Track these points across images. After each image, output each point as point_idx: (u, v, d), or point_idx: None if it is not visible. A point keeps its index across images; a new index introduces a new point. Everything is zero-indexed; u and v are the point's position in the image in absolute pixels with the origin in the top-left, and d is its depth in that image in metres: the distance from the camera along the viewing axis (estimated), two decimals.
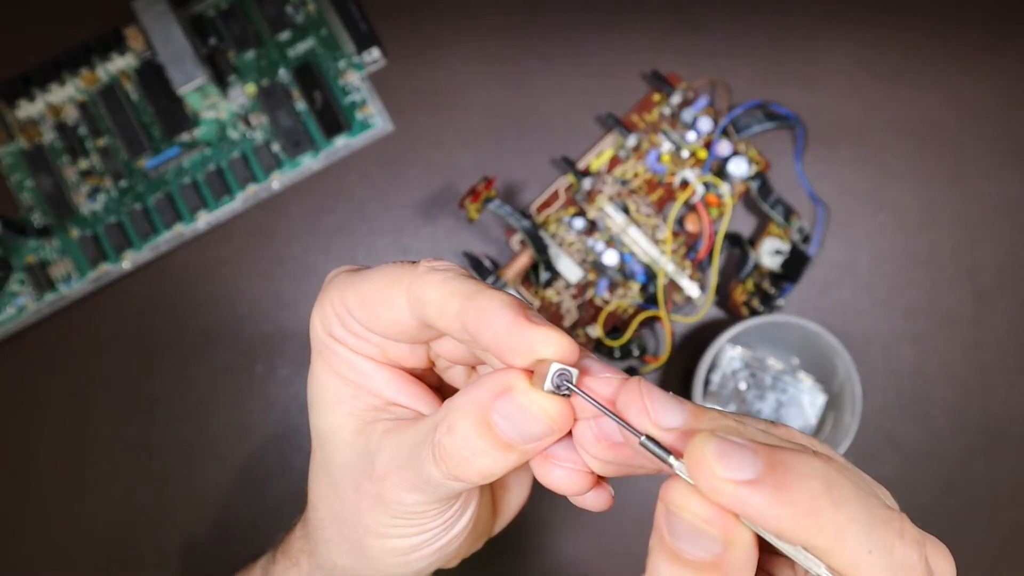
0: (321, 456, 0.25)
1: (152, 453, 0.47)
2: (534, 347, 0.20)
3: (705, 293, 0.46)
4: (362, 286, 0.23)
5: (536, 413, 0.21)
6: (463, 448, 0.21)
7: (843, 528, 0.17)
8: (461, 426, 0.21)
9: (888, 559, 0.17)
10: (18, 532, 0.46)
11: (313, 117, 0.47)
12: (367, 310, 0.23)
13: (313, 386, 0.25)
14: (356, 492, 0.24)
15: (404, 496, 0.23)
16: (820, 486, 0.17)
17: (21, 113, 0.48)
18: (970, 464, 0.46)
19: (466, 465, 0.21)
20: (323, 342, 0.24)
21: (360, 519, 0.24)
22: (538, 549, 0.46)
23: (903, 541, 0.18)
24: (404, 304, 0.22)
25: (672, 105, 0.47)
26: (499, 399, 0.21)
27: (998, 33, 0.48)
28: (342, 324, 0.24)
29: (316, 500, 0.26)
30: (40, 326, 0.47)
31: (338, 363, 0.24)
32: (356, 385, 0.24)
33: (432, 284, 0.21)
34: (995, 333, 0.47)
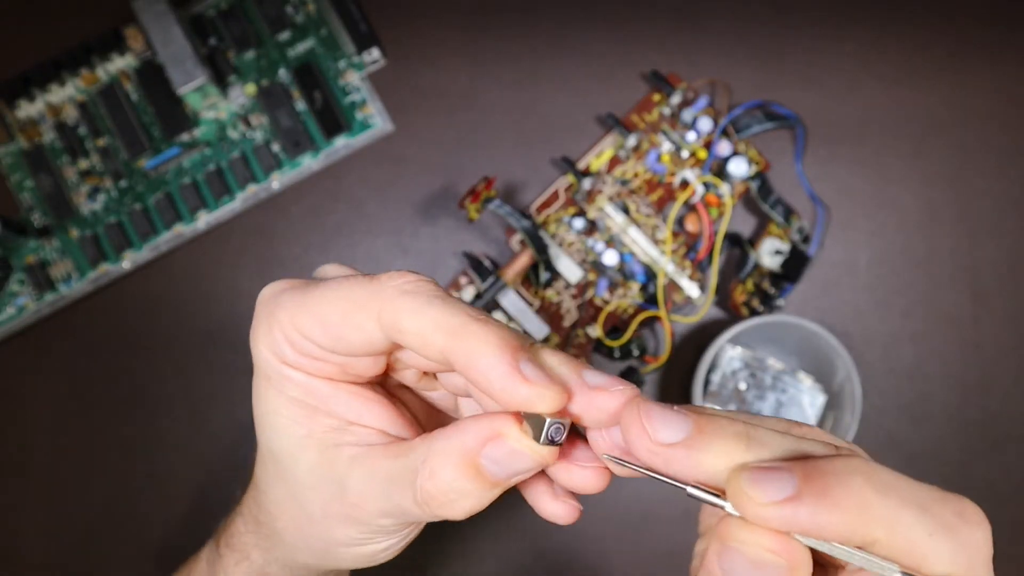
0: (277, 470, 0.25)
1: (152, 453, 0.47)
2: (529, 404, 0.19)
3: (705, 293, 0.46)
4: (321, 309, 0.22)
5: (529, 457, 0.21)
6: (448, 492, 0.21)
7: (896, 513, 0.17)
8: (445, 471, 0.21)
9: (953, 541, 0.17)
10: (18, 532, 0.46)
11: (313, 117, 0.47)
12: (331, 334, 0.22)
13: (262, 408, 0.24)
14: (324, 512, 0.24)
15: (379, 521, 0.23)
16: (860, 480, 0.17)
17: (21, 113, 0.48)
18: (970, 464, 0.46)
19: (452, 507, 0.21)
20: (273, 369, 0.23)
21: (330, 534, 0.24)
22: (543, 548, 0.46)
23: (965, 521, 0.17)
24: (375, 328, 0.21)
25: (672, 105, 0.47)
26: (489, 445, 0.20)
27: (998, 33, 0.48)
28: (296, 349, 0.23)
29: (275, 509, 0.26)
30: (40, 326, 0.47)
31: (292, 389, 0.23)
32: (314, 408, 0.23)
33: (409, 312, 0.20)
34: (995, 333, 0.47)
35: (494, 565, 0.46)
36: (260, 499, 0.27)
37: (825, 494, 0.17)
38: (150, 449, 0.47)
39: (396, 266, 0.47)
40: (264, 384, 0.24)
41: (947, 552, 0.17)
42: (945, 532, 0.17)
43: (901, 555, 0.17)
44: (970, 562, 0.17)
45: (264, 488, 0.26)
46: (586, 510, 0.46)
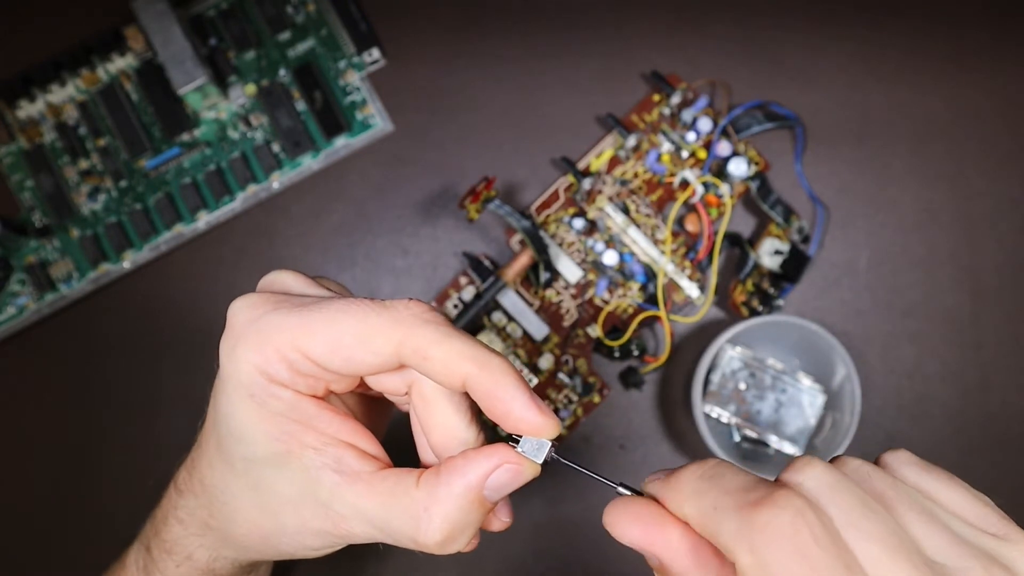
0: (249, 482, 0.25)
1: (152, 453, 0.47)
2: (541, 430, 0.23)
3: (705, 293, 0.46)
4: (332, 333, 0.23)
5: (527, 476, 0.23)
6: (454, 532, 0.23)
7: (686, 500, 0.20)
8: (455, 514, 0.23)
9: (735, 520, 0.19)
10: (17, 532, 0.46)
11: (313, 117, 0.47)
12: (342, 356, 0.23)
13: (237, 421, 0.24)
14: (301, 526, 0.25)
15: (363, 534, 0.24)
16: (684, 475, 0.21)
17: (21, 113, 0.48)
18: (970, 464, 0.46)
19: (452, 544, 0.24)
20: (259, 386, 0.23)
21: (302, 543, 0.25)
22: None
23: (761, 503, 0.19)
24: (392, 353, 0.22)
25: (672, 105, 0.47)
26: (495, 474, 0.23)
27: (998, 33, 0.48)
28: (291, 369, 0.23)
29: (241, 521, 0.26)
30: (40, 326, 0.47)
31: (276, 407, 0.24)
32: (296, 424, 0.24)
33: (434, 342, 0.22)
34: (995, 333, 0.47)
35: (494, 565, 0.46)
36: (216, 507, 0.27)
37: (667, 478, 0.21)
38: (150, 449, 0.47)
39: (396, 266, 0.47)
40: (242, 397, 0.24)
41: (731, 528, 0.18)
42: (734, 509, 0.18)
43: (702, 531, 0.20)
44: (754, 539, 0.18)
45: (226, 499, 0.26)
46: (586, 511, 0.46)
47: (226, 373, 0.24)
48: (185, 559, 0.29)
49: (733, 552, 0.18)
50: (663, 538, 0.20)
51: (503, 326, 0.46)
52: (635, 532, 0.21)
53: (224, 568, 0.29)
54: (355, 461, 0.24)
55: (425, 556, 0.43)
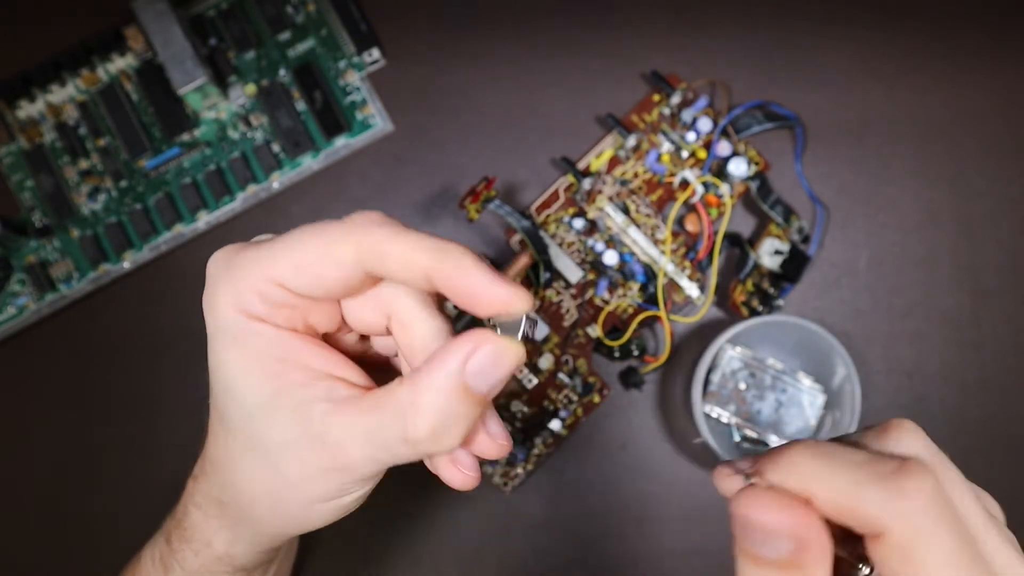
0: (246, 438, 0.25)
1: (152, 453, 0.47)
2: (511, 303, 0.22)
3: (705, 293, 0.46)
4: (295, 253, 0.23)
5: (509, 358, 0.22)
6: (442, 422, 0.22)
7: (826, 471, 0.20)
8: (438, 400, 0.22)
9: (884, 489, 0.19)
10: (17, 532, 0.46)
11: (313, 117, 0.47)
12: (307, 274, 0.23)
13: (225, 372, 0.24)
14: (303, 471, 0.24)
15: (364, 467, 0.24)
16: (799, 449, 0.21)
17: (21, 113, 0.48)
18: (970, 464, 0.46)
19: (445, 437, 0.22)
20: (239, 326, 0.24)
21: (309, 492, 0.25)
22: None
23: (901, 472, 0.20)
24: (352, 260, 0.23)
25: (672, 105, 0.47)
26: (473, 357, 0.22)
27: (998, 33, 0.48)
28: (265, 300, 0.23)
29: (245, 483, 0.26)
30: (40, 326, 0.47)
31: (258, 344, 0.24)
32: (282, 362, 0.24)
33: (389, 238, 0.22)
34: (995, 333, 0.47)
35: (494, 565, 0.46)
36: (223, 479, 0.26)
37: (775, 465, 0.21)
38: (150, 449, 0.47)
39: None
40: (227, 345, 0.24)
41: (875, 499, 0.19)
42: (875, 481, 0.19)
43: (844, 512, 0.19)
44: (901, 501, 0.19)
45: (229, 465, 0.26)
46: (586, 510, 0.46)
47: (209, 325, 0.24)
48: (204, 546, 0.29)
49: (881, 520, 0.19)
50: (808, 519, 0.20)
51: None
52: (783, 517, 0.20)
53: (242, 554, 0.29)
54: (344, 390, 0.24)
55: (426, 555, 0.43)
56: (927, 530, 0.19)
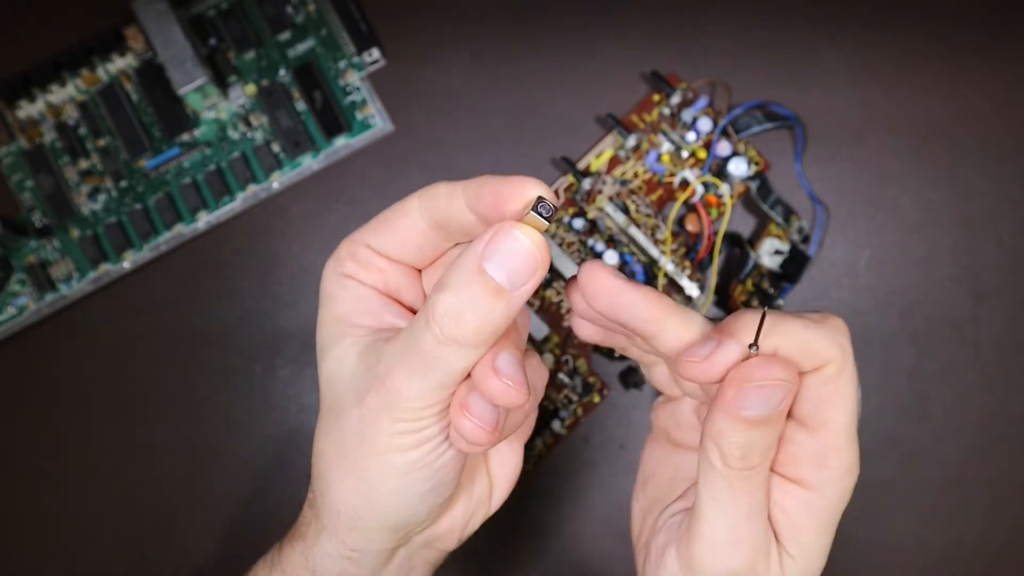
0: (328, 396, 0.27)
1: (152, 453, 0.47)
2: (525, 187, 0.23)
3: (705, 293, 0.46)
4: (376, 218, 0.28)
5: (523, 244, 0.23)
6: (455, 302, 0.23)
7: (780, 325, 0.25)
8: (453, 278, 0.23)
9: (821, 327, 0.26)
10: (18, 532, 0.46)
11: (313, 117, 0.47)
12: (384, 228, 0.28)
13: (320, 332, 0.28)
14: (359, 407, 0.25)
15: (405, 386, 0.24)
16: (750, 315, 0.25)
17: (21, 113, 0.48)
18: (970, 464, 0.46)
19: (458, 320, 0.23)
20: (333, 284, 0.28)
21: (364, 436, 0.25)
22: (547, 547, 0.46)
23: (825, 316, 0.27)
24: (416, 207, 0.27)
25: (672, 105, 0.47)
26: (491, 240, 0.23)
27: (998, 33, 0.48)
28: (354, 259, 0.28)
29: (319, 445, 0.28)
30: (40, 326, 0.47)
31: (346, 298, 0.28)
32: (361, 313, 0.27)
33: (439, 184, 0.26)
34: (995, 333, 0.47)
35: (494, 564, 0.46)
36: (315, 462, 0.28)
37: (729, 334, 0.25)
38: (150, 449, 0.47)
39: None
40: (325, 306, 0.28)
41: (819, 336, 0.25)
42: (816, 325, 0.25)
43: (794, 351, 0.25)
44: (835, 336, 0.26)
45: (316, 434, 0.28)
46: (586, 510, 0.46)
47: (320, 294, 0.29)
48: (299, 539, 0.29)
49: (825, 354, 0.25)
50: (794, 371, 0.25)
51: None
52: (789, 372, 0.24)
53: (324, 558, 0.28)
54: None
55: None
56: (850, 353, 0.26)
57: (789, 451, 0.26)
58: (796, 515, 0.26)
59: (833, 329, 0.25)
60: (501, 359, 0.24)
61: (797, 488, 0.26)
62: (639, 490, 0.33)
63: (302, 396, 0.47)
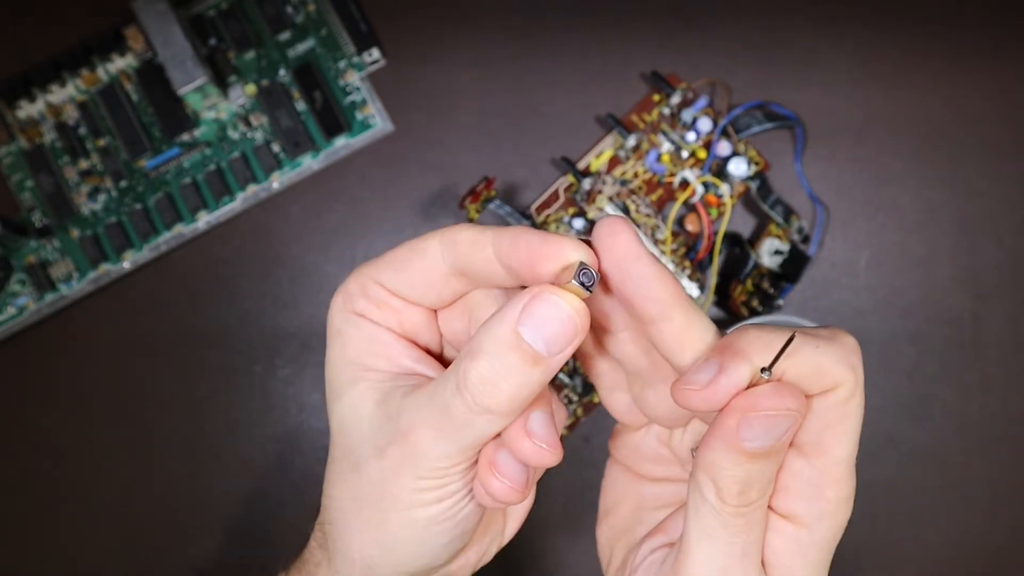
0: (341, 442, 0.26)
1: (152, 453, 0.47)
2: (565, 250, 0.22)
3: (705, 293, 0.46)
4: (390, 255, 0.25)
5: (564, 311, 0.21)
6: (489, 370, 0.22)
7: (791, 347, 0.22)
8: (487, 344, 0.22)
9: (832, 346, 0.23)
10: (17, 532, 0.46)
11: (313, 117, 0.47)
12: (399, 267, 0.25)
13: (330, 372, 0.26)
14: (380, 460, 0.24)
15: (430, 447, 0.23)
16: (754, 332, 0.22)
17: (21, 113, 0.48)
18: (970, 464, 0.46)
19: (493, 390, 0.22)
20: (344, 321, 0.26)
21: (384, 489, 0.24)
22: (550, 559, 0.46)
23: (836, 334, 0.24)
24: (436, 249, 0.24)
25: (672, 105, 0.47)
26: (528, 304, 0.21)
27: (998, 33, 0.48)
28: (366, 296, 0.26)
29: (334, 491, 0.26)
30: (40, 326, 0.47)
31: (358, 338, 0.26)
32: (374, 356, 0.25)
33: (463, 228, 0.24)
34: (995, 333, 0.47)
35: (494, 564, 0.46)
36: (325, 495, 0.27)
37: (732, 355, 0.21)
38: (150, 449, 0.47)
39: None
40: (334, 344, 0.26)
41: (833, 357, 0.22)
42: (828, 343, 0.22)
43: (804, 372, 0.22)
44: (848, 357, 0.23)
45: (328, 476, 0.27)
46: (586, 510, 0.46)
47: (327, 329, 0.27)
48: None
49: (838, 376, 0.22)
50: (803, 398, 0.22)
51: None
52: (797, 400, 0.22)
53: None
54: (424, 381, 0.25)
55: None
56: (861, 375, 0.23)
57: (781, 481, 0.23)
58: (786, 555, 0.24)
59: (845, 349, 0.23)
60: (533, 420, 0.23)
61: (787, 524, 0.23)
62: (601, 519, 0.31)
63: (302, 396, 0.47)
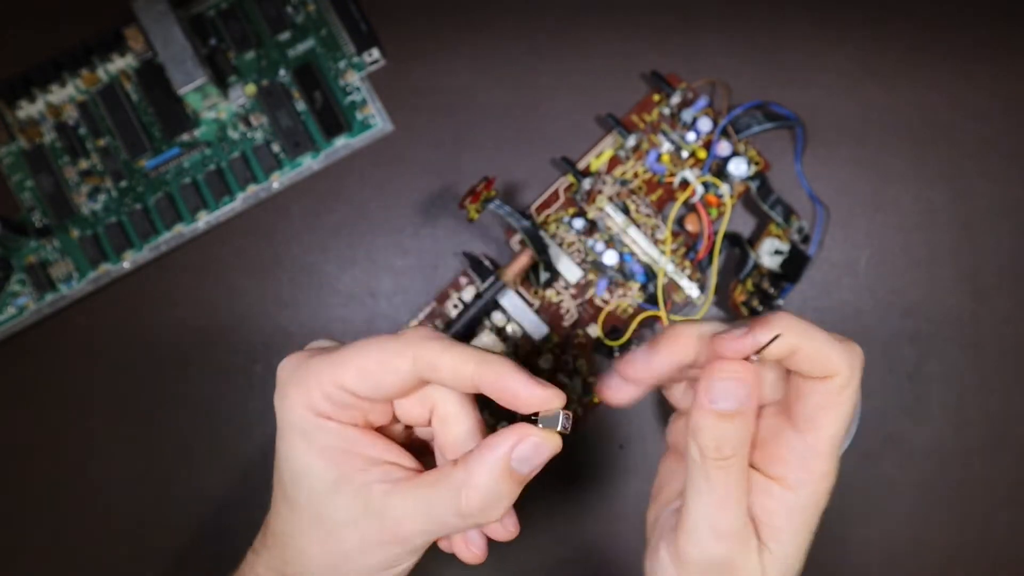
0: (310, 518, 0.29)
1: (152, 453, 0.47)
2: (549, 400, 0.27)
3: (705, 293, 0.46)
4: (359, 362, 0.28)
5: (547, 447, 0.27)
6: (489, 498, 0.27)
7: (808, 332, 0.28)
8: (488, 481, 0.26)
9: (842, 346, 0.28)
10: (17, 533, 0.46)
11: (313, 117, 0.47)
12: (369, 380, 0.28)
13: (294, 464, 0.29)
14: (362, 545, 0.28)
15: (417, 535, 0.28)
16: (785, 317, 0.28)
17: (21, 113, 0.48)
18: (970, 464, 0.46)
19: (492, 511, 0.27)
20: (309, 422, 0.28)
21: (365, 562, 0.28)
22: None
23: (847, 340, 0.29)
24: (409, 370, 0.27)
25: (672, 105, 0.47)
26: (518, 447, 0.26)
27: (998, 33, 0.48)
28: (332, 401, 0.28)
29: (307, 554, 0.29)
30: (40, 326, 0.47)
31: (325, 439, 0.28)
32: (344, 452, 0.28)
33: (441, 352, 0.27)
34: (995, 333, 0.47)
35: (494, 565, 0.46)
36: (288, 553, 0.30)
37: (765, 325, 0.27)
38: (150, 449, 0.47)
39: (396, 266, 0.48)
40: (297, 439, 0.28)
41: (839, 352, 0.27)
42: (838, 343, 0.28)
43: (813, 356, 0.27)
44: (851, 357, 0.28)
45: (295, 539, 0.30)
46: (586, 510, 0.46)
47: (281, 420, 0.29)
48: None
49: (838, 367, 0.27)
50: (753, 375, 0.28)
51: (503, 326, 0.46)
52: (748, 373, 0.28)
53: None
54: (399, 473, 0.29)
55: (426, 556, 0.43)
56: (858, 375, 0.28)
57: (777, 451, 0.29)
58: (776, 514, 0.28)
59: (851, 352, 0.28)
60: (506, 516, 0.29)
61: (777, 486, 0.28)
62: (652, 500, 0.35)
63: None
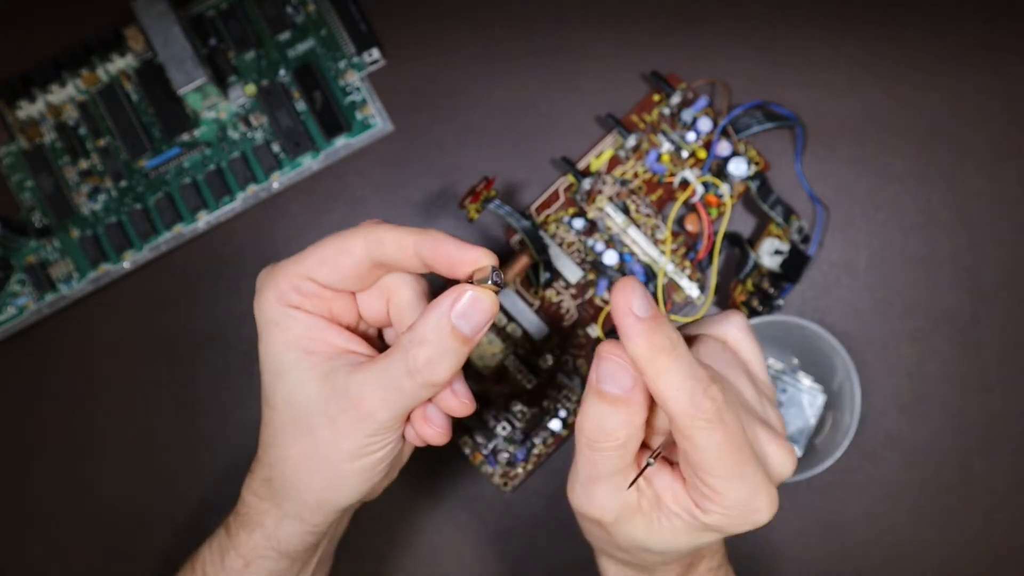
0: (288, 411, 0.31)
1: (152, 453, 0.47)
2: (479, 259, 0.29)
3: (705, 293, 0.46)
4: (317, 253, 0.30)
5: (486, 304, 0.28)
6: (435, 352, 0.28)
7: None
8: (430, 333, 0.28)
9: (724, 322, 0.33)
10: (17, 533, 0.46)
11: (313, 117, 0.47)
12: (328, 264, 0.30)
13: (270, 356, 0.31)
14: (333, 425, 0.30)
15: (380, 412, 0.29)
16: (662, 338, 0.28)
17: (21, 113, 0.48)
18: (970, 464, 0.46)
19: (437, 366, 0.28)
20: (279, 313, 0.30)
21: (339, 447, 0.30)
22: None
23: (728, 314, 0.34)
24: (362, 249, 0.30)
25: (672, 105, 0.47)
26: (459, 303, 0.28)
27: (998, 33, 0.48)
28: (298, 291, 0.30)
29: (285, 450, 0.31)
30: (40, 326, 0.47)
31: (296, 327, 0.30)
32: (313, 340, 0.30)
33: (387, 229, 0.30)
34: (995, 333, 0.47)
35: (494, 565, 0.46)
36: (270, 456, 0.32)
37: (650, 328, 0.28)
38: (150, 449, 0.47)
39: None
40: (272, 331, 0.30)
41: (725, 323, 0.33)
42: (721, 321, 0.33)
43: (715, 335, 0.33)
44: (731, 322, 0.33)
45: (274, 441, 0.31)
46: None
47: (258, 320, 0.31)
48: (257, 526, 0.33)
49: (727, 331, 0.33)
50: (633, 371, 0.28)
51: (503, 326, 0.46)
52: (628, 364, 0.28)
53: (288, 535, 0.33)
54: (362, 359, 0.31)
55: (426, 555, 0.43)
56: (746, 333, 0.33)
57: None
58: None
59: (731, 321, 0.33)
60: (457, 383, 0.31)
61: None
62: None
63: None
